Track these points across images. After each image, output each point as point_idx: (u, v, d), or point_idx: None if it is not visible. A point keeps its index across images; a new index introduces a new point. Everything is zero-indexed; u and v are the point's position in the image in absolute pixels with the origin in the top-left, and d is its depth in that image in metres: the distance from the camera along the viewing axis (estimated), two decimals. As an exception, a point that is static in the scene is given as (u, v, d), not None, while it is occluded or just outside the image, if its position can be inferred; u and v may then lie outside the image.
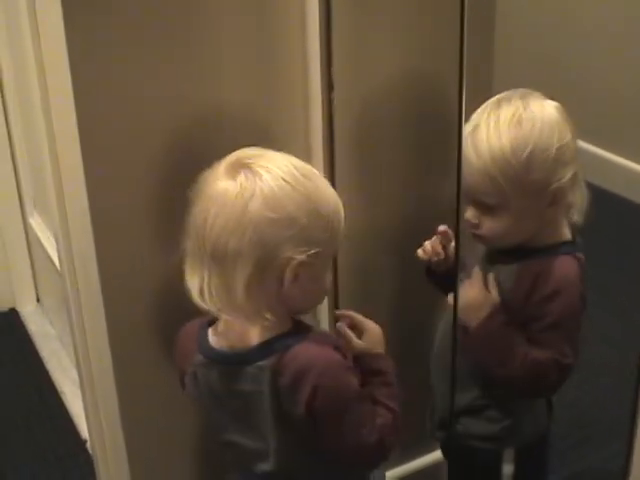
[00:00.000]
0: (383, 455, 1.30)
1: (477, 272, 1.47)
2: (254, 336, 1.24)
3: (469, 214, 1.43)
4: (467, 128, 1.38)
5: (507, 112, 1.37)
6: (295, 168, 1.20)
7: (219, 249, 1.17)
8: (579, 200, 1.43)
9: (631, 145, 3.11)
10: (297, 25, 1.48)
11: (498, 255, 1.48)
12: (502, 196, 1.37)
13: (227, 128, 1.44)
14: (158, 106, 1.42)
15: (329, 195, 1.23)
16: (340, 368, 1.23)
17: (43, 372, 2.53)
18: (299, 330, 1.26)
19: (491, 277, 1.45)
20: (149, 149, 1.43)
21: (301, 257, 1.18)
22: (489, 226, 1.42)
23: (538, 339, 1.41)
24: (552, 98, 1.43)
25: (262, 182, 1.16)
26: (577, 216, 1.44)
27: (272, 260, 1.18)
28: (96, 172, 1.40)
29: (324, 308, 1.67)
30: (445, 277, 1.54)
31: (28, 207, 2.70)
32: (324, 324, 1.68)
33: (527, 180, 1.36)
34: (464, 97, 1.29)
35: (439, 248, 1.55)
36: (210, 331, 1.29)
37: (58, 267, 2.18)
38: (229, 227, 1.16)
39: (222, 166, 1.20)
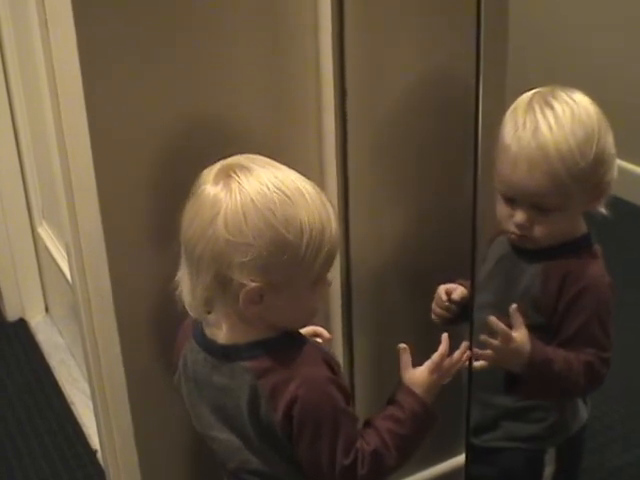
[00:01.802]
0: None
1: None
2: (240, 335, 1.24)
3: (521, 218, 1.40)
4: (514, 128, 1.37)
5: (564, 111, 1.36)
6: (275, 190, 1.16)
7: (189, 251, 1.20)
8: None
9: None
10: (310, 34, 1.47)
11: (523, 253, 1.47)
12: (565, 197, 1.37)
13: (240, 138, 1.44)
14: (170, 117, 1.41)
15: (309, 222, 1.16)
16: (323, 381, 1.22)
17: (52, 382, 2.52)
18: (290, 338, 1.26)
19: (513, 308, 1.41)
20: (160, 157, 1.42)
21: (253, 285, 1.17)
22: (543, 228, 1.41)
23: (577, 338, 1.41)
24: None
25: (230, 201, 1.15)
26: (602, 208, 1.44)
27: (229, 279, 1.17)
28: (107, 181, 1.39)
29: (337, 316, 1.67)
30: (460, 317, 1.54)
31: (37, 217, 2.69)
32: (336, 333, 1.68)
33: (592, 179, 1.37)
34: (480, 98, 1.28)
35: (446, 304, 1.56)
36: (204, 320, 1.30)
37: (67, 277, 2.18)
38: (198, 233, 1.17)
39: (216, 167, 1.20)
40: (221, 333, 1.25)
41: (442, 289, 1.58)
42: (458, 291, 1.57)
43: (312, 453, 1.23)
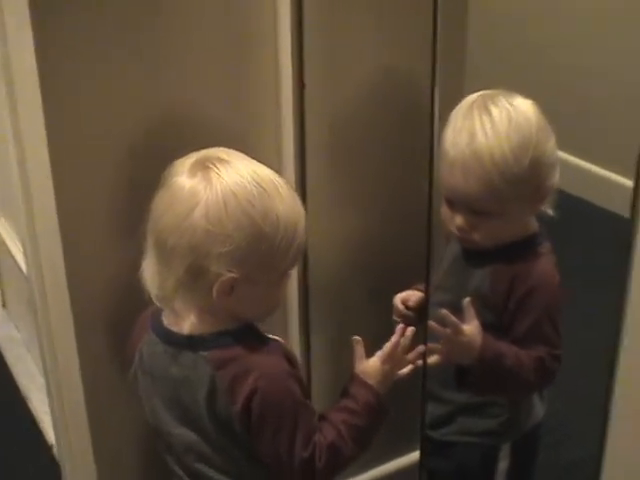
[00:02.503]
0: (312, 476, 1.26)
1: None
2: (207, 325, 1.24)
3: (460, 221, 1.42)
4: (453, 133, 1.38)
5: (501, 116, 1.36)
6: (254, 183, 1.18)
7: (160, 242, 1.20)
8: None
9: (603, 151, 3.11)
10: (269, 28, 1.47)
11: (472, 254, 1.48)
12: (501, 202, 1.38)
13: (198, 131, 1.44)
14: (127, 109, 1.41)
15: (284, 215, 1.19)
16: (282, 374, 1.23)
17: (9, 377, 2.50)
18: (252, 331, 1.27)
19: (467, 301, 1.41)
20: (117, 151, 1.42)
21: (230, 275, 1.18)
22: (482, 231, 1.42)
23: (528, 336, 1.42)
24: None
25: (211, 192, 1.16)
26: (550, 209, 1.44)
27: (204, 270, 1.18)
28: (64, 175, 1.39)
29: (293, 313, 1.67)
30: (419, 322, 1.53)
31: (-6, 210, 2.67)
32: (293, 330, 1.68)
33: (528, 185, 1.38)
34: (437, 96, 1.29)
35: (403, 312, 1.57)
36: (165, 312, 1.29)
37: (24, 271, 2.16)
38: (172, 225, 1.18)
39: (190, 159, 1.21)
40: (186, 323, 1.25)
41: (398, 299, 1.59)
42: (414, 298, 1.58)
43: (271, 445, 1.23)
